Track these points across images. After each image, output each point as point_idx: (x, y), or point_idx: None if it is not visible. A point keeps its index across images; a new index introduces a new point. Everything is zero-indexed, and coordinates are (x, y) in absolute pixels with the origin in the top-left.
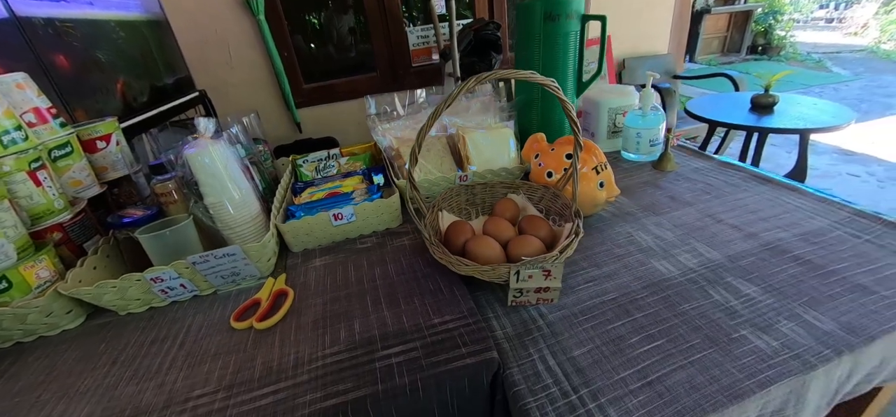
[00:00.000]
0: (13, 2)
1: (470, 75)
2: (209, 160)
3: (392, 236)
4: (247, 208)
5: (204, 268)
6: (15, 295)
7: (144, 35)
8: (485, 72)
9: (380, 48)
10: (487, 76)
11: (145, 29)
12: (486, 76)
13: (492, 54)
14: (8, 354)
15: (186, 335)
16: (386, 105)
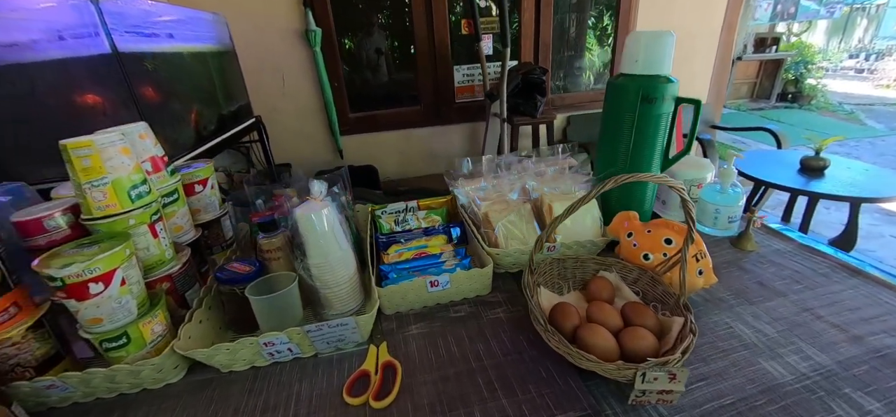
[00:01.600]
0: (117, 39)
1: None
2: (320, 223)
3: (485, 306)
4: (346, 268)
5: (315, 335)
6: (131, 351)
7: (216, 65)
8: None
9: (425, 83)
10: (626, 178)
11: (217, 59)
12: (625, 178)
13: (536, 96)
14: (114, 407)
15: (297, 405)
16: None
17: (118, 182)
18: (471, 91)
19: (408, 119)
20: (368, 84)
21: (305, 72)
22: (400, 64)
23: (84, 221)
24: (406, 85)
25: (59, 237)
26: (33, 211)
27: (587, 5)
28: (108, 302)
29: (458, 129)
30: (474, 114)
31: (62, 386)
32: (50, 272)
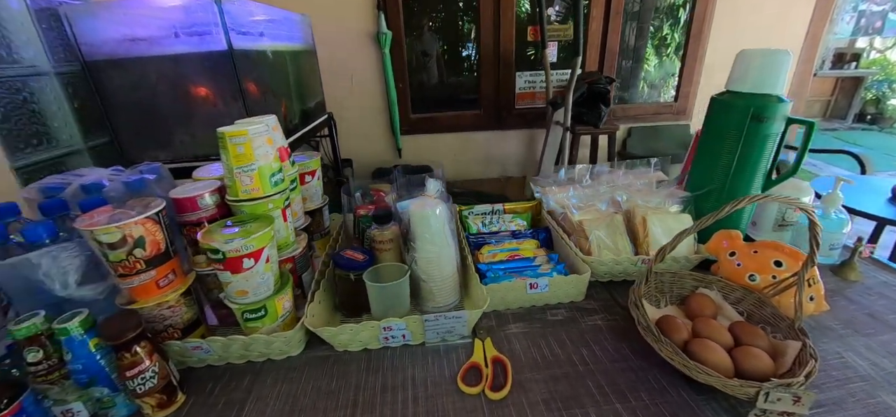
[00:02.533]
0: (232, 36)
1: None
2: (434, 219)
3: (581, 312)
4: (451, 264)
5: (430, 325)
6: (266, 323)
7: (301, 63)
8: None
9: (487, 88)
10: (760, 198)
11: (302, 58)
12: (759, 198)
13: (600, 106)
14: (244, 373)
15: (414, 388)
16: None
17: (263, 169)
18: (531, 97)
19: (467, 122)
20: (431, 87)
21: (372, 73)
22: (463, 68)
23: (230, 202)
24: (467, 89)
25: (207, 215)
26: (187, 190)
27: (653, 16)
28: (255, 277)
29: (515, 135)
30: (532, 120)
31: (206, 349)
32: (215, 244)
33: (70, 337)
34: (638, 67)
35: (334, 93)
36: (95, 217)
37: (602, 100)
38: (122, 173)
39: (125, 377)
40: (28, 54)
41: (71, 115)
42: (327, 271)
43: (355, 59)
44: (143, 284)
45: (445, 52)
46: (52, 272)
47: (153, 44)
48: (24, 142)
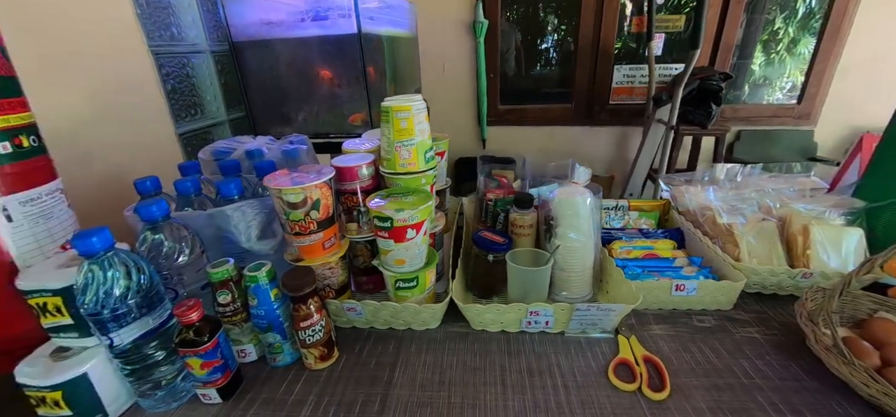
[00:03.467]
0: (363, 21)
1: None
2: (582, 207)
3: (731, 321)
4: (591, 255)
5: (579, 314)
6: (415, 293)
7: (406, 50)
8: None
9: (581, 81)
10: None
11: (408, 44)
12: None
13: (711, 105)
14: (387, 338)
15: (562, 376)
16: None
17: (421, 144)
18: (629, 93)
19: (556, 116)
20: (522, 78)
21: (464, 62)
22: (557, 60)
23: (386, 174)
24: (559, 81)
25: (363, 185)
26: (348, 160)
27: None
28: (413, 248)
29: (606, 132)
30: (627, 117)
31: (359, 311)
32: (386, 212)
33: (258, 284)
34: (747, 64)
35: (426, 81)
36: (279, 178)
37: (713, 98)
38: (274, 143)
39: (299, 327)
40: (191, 34)
41: (219, 91)
42: (461, 250)
43: (449, 47)
44: (313, 244)
45: (540, 42)
46: (240, 225)
47: (286, 27)
48: (184, 112)
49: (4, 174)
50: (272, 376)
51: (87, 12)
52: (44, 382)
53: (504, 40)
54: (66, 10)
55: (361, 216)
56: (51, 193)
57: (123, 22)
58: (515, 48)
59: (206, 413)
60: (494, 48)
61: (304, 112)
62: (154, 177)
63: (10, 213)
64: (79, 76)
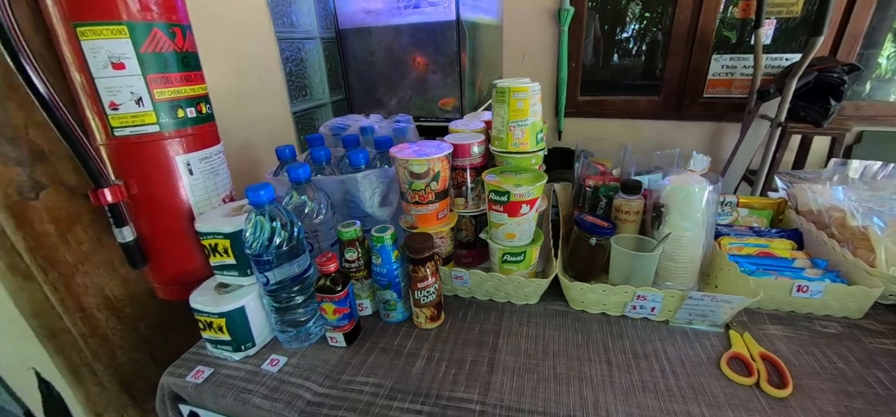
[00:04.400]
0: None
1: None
2: (696, 198)
3: (861, 330)
4: (700, 247)
5: (692, 303)
6: (521, 268)
7: (493, 37)
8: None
9: (672, 71)
10: None
11: (494, 32)
12: None
13: (830, 101)
14: (489, 309)
15: (669, 362)
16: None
17: (534, 125)
18: (727, 85)
19: (640, 108)
20: (605, 68)
21: (545, 51)
22: (643, 49)
23: (497, 152)
24: (643, 72)
25: (473, 162)
26: (462, 139)
27: None
28: (524, 223)
29: (696, 127)
30: (722, 112)
31: (465, 279)
32: (504, 187)
33: (383, 245)
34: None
35: (507, 68)
36: (404, 150)
37: (832, 93)
38: (383, 121)
39: (416, 287)
40: (306, 22)
41: (325, 74)
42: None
43: (530, 35)
44: (429, 213)
45: (621, 31)
46: (366, 191)
47: (386, 14)
48: (297, 93)
49: (188, 135)
50: (386, 330)
51: None
52: (213, 309)
53: (599, 27)
54: None
55: (469, 192)
56: (217, 154)
57: (259, 9)
58: (594, 37)
59: (334, 354)
60: (578, 37)
61: (396, 96)
62: (290, 146)
63: (191, 168)
64: (227, 55)
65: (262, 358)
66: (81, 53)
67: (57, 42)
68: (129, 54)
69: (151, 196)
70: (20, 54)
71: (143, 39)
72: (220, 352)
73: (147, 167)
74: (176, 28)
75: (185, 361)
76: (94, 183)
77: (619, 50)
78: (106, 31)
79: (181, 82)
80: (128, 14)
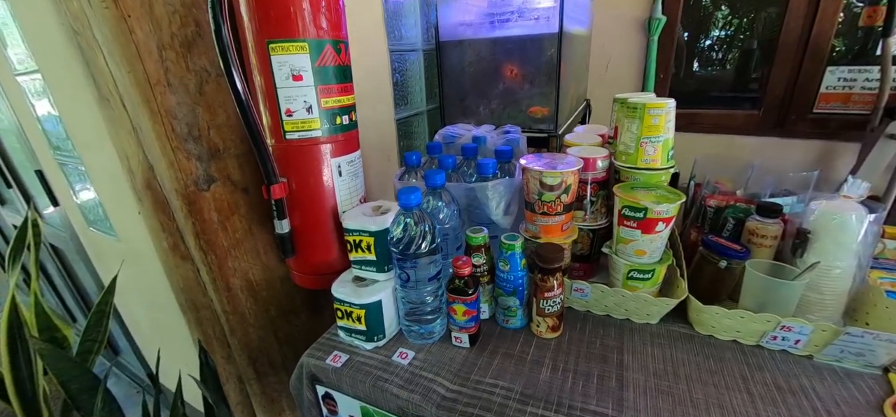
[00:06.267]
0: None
1: None
2: (850, 225)
3: None
4: (846, 280)
5: (850, 340)
6: (647, 286)
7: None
8: None
9: (777, 83)
10: None
11: (585, 43)
12: None
13: None
14: (607, 324)
15: (819, 400)
16: None
17: (666, 142)
18: (844, 100)
19: (736, 123)
20: (698, 79)
21: (631, 61)
22: (738, 61)
23: (623, 167)
24: (737, 85)
25: (597, 176)
26: (587, 153)
27: None
28: (657, 241)
29: (803, 146)
30: (835, 130)
31: (586, 292)
32: (642, 203)
33: (513, 252)
34: None
35: (591, 78)
36: (534, 162)
37: None
38: (494, 131)
39: (542, 295)
40: (411, 34)
41: (423, 84)
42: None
43: (616, 45)
44: (554, 225)
45: (725, 39)
46: (493, 200)
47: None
48: (401, 101)
49: (340, 140)
50: (504, 335)
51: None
52: (354, 300)
53: (693, 37)
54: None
55: (590, 205)
56: (358, 159)
57: (377, 24)
58: (679, 45)
59: (458, 354)
60: (669, 47)
61: (487, 105)
62: (417, 152)
63: (341, 170)
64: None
65: (391, 350)
66: (269, 66)
67: (247, 55)
68: (306, 67)
69: (307, 193)
70: (232, 64)
71: (318, 54)
72: (354, 341)
73: (307, 167)
74: (341, 44)
75: (321, 345)
76: (268, 180)
77: (705, 59)
78: (292, 47)
79: (340, 92)
80: (308, 32)
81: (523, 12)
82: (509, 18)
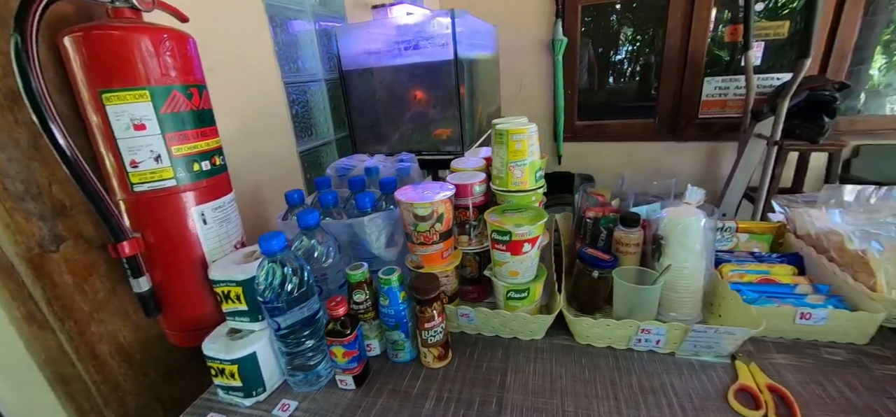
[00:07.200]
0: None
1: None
2: (694, 229)
3: (868, 357)
4: (700, 278)
5: (695, 335)
6: (525, 304)
7: (490, 71)
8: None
9: (665, 95)
10: None
11: (491, 66)
12: None
13: (823, 119)
14: (495, 346)
15: (676, 396)
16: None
17: (532, 164)
18: (721, 106)
19: (636, 131)
20: (601, 93)
21: (541, 79)
22: (638, 74)
23: (498, 191)
24: (639, 95)
25: (475, 201)
26: (464, 178)
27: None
28: (527, 261)
29: (693, 148)
30: (717, 132)
31: (471, 316)
32: (506, 227)
33: (390, 286)
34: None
35: (504, 98)
36: (409, 193)
37: (825, 110)
38: (387, 160)
39: (423, 327)
40: (311, 65)
41: (329, 114)
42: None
43: (526, 65)
44: (434, 253)
45: (620, 56)
46: (372, 234)
47: (388, 55)
48: (303, 133)
49: (202, 187)
50: (394, 370)
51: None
52: (225, 356)
53: (592, 55)
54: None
55: (472, 229)
56: (230, 202)
57: (267, 57)
58: (590, 62)
59: (343, 397)
60: (573, 64)
61: (397, 131)
62: (299, 191)
63: (205, 218)
64: (236, 101)
65: (273, 404)
66: (106, 117)
67: (82, 105)
68: (150, 116)
69: (167, 246)
70: (48, 119)
71: (163, 101)
72: (232, 398)
73: (163, 219)
74: (192, 88)
75: (196, 409)
76: (114, 237)
77: (613, 73)
78: (129, 95)
79: (197, 138)
80: (149, 79)
81: (418, 44)
82: (408, 47)
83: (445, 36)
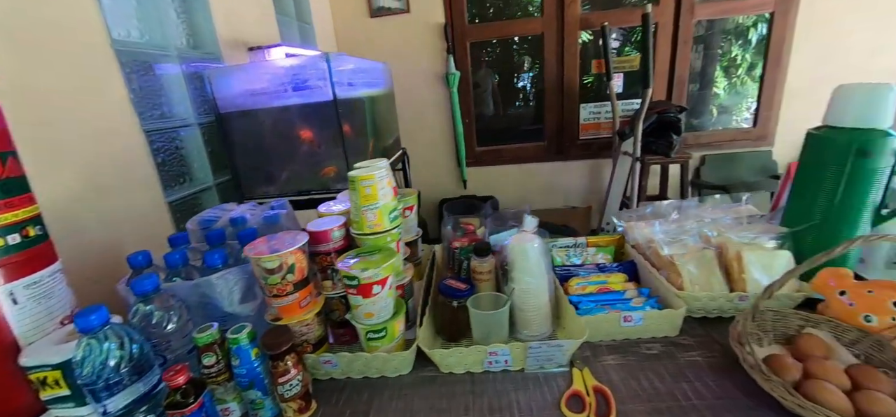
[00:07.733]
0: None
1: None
2: (532, 252)
3: (676, 347)
4: (545, 295)
5: (533, 352)
6: (385, 343)
7: (384, 105)
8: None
9: (551, 120)
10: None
11: (384, 101)
12: (877, 238)
13: (671, 136)
14: (362, 388)
15: (520, 412)
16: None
17: (385, 207)
18: (596, 128)
19: (530, 154)
20: (496, 121)
21: (440, 110)
22: (527, 102)
23: (355, 234)
24: (530, 121)
25: (335, 246)
26: (321, 224)
27: (722, 40)
28: (380, 301)
29: (578, 166)
30: (597, 151)
31: (334, 363)
32: (353, 272)
33: (239, 345)
34: (707, 92)
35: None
36: (258, 246)
37: (672, 129)
38: (257, 208)
39: (277, 382)
40: (180, 109)
41: (206, 158)
42: (429, 298)
43: (425, 97)
44: (290, 304)
45: (509, 88)
46: (223, 291)
47: (268, 97)
48: (174, 181)
49: (12, 263)
50: None
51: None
52: None
53: (480, 81)
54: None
55: (335, 274)
56: (52, 275)
57: (118, 105)
58: (491, 89)
59: None
60: (467, 95)
61: (285, 171)
62: (146, 252)
63: (15, 297)
64: (76, 155)
65: None
66: None
67: None
68: None
69: None
70: None
71: None
72: None
73: None
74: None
75: None
76: None
77: (511, 101)
78: None
79: (5, 209)
80: None
81: (297, 85)
82: (288, 89)
83: (323, 78)
